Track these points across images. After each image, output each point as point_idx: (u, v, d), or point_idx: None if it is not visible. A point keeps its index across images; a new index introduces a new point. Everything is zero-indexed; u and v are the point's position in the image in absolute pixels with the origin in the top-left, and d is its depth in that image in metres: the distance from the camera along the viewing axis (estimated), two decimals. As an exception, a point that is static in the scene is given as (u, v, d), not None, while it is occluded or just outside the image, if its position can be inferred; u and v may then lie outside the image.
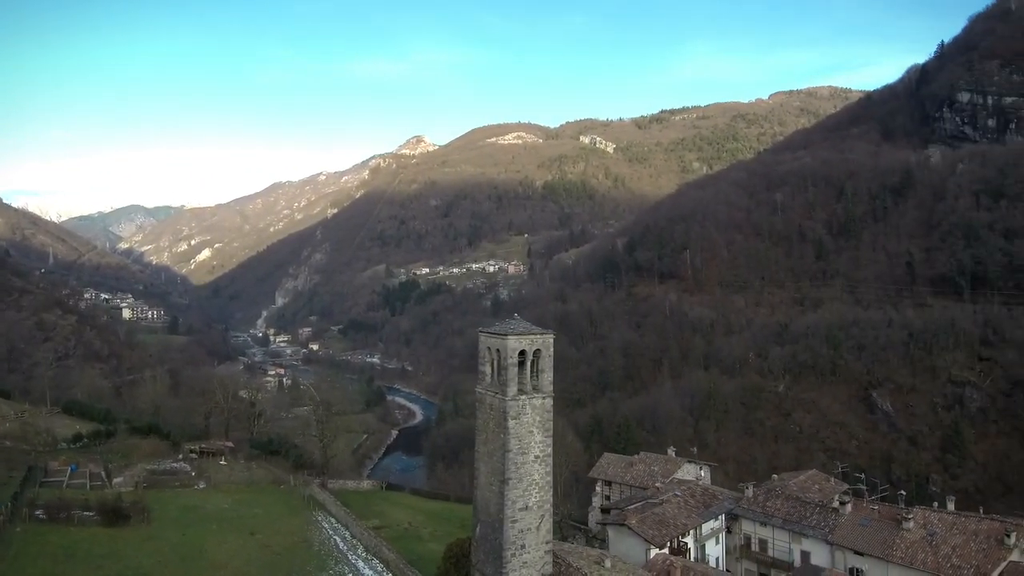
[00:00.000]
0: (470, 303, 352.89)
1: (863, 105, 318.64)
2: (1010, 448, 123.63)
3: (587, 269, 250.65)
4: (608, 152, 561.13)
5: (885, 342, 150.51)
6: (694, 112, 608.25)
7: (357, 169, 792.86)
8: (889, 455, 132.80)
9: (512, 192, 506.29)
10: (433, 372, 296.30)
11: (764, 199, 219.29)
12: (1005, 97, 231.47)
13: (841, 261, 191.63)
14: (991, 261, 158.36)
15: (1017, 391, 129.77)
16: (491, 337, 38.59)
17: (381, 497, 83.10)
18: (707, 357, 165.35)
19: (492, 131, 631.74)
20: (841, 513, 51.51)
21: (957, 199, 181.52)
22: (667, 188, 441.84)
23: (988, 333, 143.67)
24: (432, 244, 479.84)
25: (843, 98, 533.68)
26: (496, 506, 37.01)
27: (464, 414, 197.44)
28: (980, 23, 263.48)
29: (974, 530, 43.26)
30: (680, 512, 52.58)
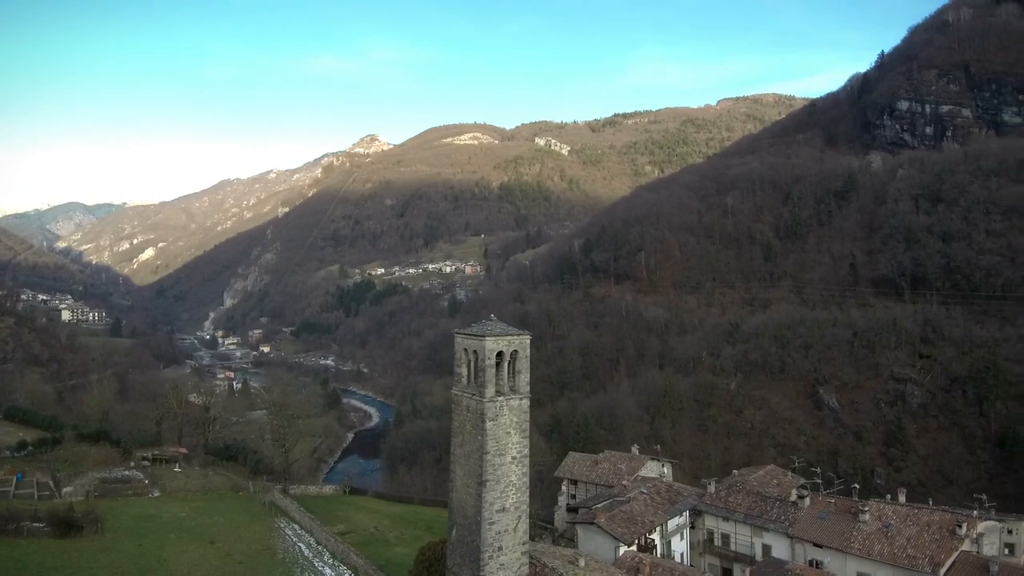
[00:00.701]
0: (427, 304, 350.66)
1: (808, 112, 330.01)
2: (950, 442, 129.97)
3: (544, 270, 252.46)
4: (563, 154, 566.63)
5: (831, 341, 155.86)
6: (646, 116, 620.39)
7: (309, 167, 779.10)
8: (836, 450, 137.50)
9: (468, 193, 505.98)
10: (390, 374, 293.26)
11: (715, 202, 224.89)
12: (942, 105, 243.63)
13: (788, 263, 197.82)
14: (930, 263, 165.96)
15: (955, 387, 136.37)
16: (468, 338, 38.54)
17: (345, 502, 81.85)
18: (662, 356, 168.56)
19: (447, 131, 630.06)
20: (800, 507, 53.34)
21: (897, 203, 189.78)
22: (620, 190, 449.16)
23: (928, 332, 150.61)
24: (388, 244, 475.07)
25: (787, 105, 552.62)
26: (473, 508, 37.00)
27: (423, 416, 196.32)
28: (919, 34, 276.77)
29: (926, 521, 45.46)
30: (647, 509, 53.59)
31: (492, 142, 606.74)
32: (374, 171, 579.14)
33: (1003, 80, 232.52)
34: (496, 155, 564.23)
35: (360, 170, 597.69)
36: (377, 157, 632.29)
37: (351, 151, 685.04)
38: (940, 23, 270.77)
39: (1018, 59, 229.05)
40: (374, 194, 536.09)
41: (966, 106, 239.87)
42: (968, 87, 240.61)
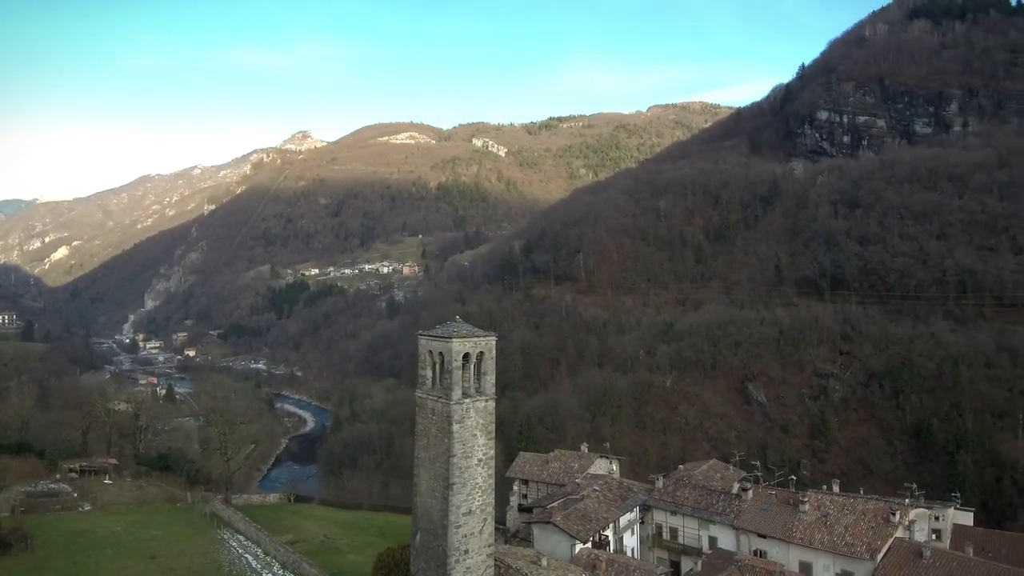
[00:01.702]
0: (364, 305, 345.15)
1: (734, 120, 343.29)
2: (869, 434, 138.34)
3: (485, 271, 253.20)
4: (500, 156, 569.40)
5: (758, 339, 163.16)
6: (580, 121, 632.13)
7: (237, 163, 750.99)
8: (764, 443, 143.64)
9: (406, 192, 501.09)
10: (325, 377, 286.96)
11: (649, 206, 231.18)
12: (859, 116, 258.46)
13: (718, 264, 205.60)
14: (848, 265, 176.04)
15: (873, 382, 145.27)
16: (433, 340, 38.59)
17: (290, 510, 79.72)
18: (601, 355, 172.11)
19: (383, 130, 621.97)
20: (744, 499, 55.72)
21: (818, 208, 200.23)
22: (557, 192, 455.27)
23: (847, 330, 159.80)
24: (322, 244, 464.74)
25: (713, 113, 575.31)
26: (439, 512, 37.07)
27: (363, 419, 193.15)
28: (838, 48, 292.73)
29: (862, 510, 48.49)
30: (600, 506, 54.89)
31: (429, 142, 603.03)
32: (307, 169, 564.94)
33: (915, 93, 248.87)
34: (433, 155, 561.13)
35: (292, 167, 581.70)
36: (310, 154, 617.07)
37: (282, 148, 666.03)
38: (857, 37, 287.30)
39: (928, 73, 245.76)
40: (307, 192, 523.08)
41: (881, 117, 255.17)
42: (883, 99, 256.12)
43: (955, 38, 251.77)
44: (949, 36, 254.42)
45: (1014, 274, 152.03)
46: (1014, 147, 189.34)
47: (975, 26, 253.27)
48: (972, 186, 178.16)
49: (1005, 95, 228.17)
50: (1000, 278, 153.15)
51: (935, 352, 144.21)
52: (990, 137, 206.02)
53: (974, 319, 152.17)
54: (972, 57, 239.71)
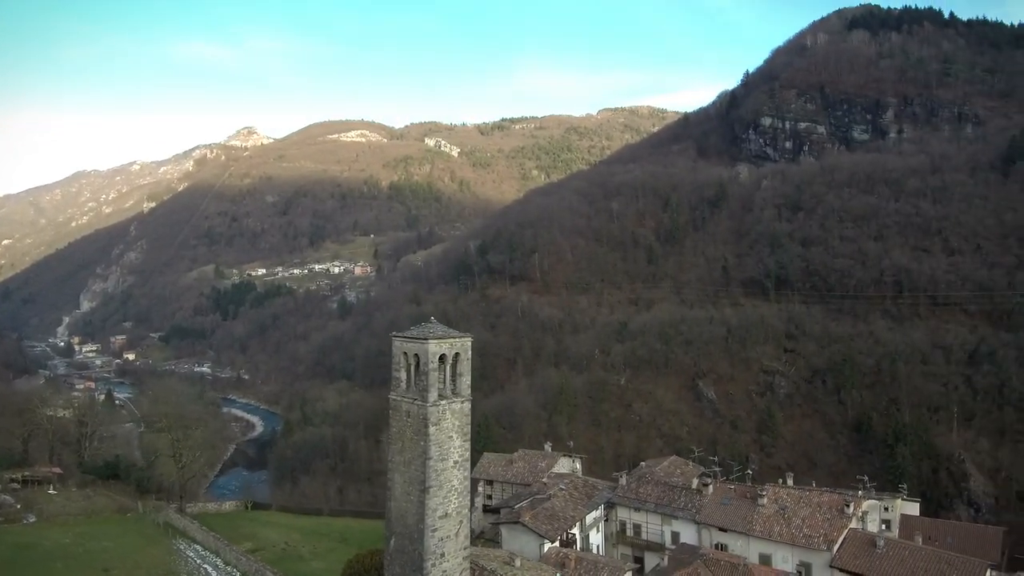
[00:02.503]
0: (314, 306, 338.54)
1: (682, 125, 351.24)
2: (813, 428, 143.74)
3: (440, 271, 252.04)
4: (453, 156, 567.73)
5: (708, 337, 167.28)
6: (532, 122, 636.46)
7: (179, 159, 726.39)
8: (715, 438, 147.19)
9: (357, 191, 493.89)
10: (274, 380, 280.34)
11: (602, 207, 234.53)
12: (800, 122, 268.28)
13: (669, 265, 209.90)
14: (791, 266, 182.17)
15: (817, 378, 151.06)
16: (408, 342, 38.26)
17: (248, 517, 77.65)
18: (557, 355, 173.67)
19: (333, 127, 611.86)
20: (704, 494, 57.39)
21: (762, 211, 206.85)
22: (510, 193, 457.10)
23: (791, 328, 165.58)
24: (269, 243, 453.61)
25: (660, 117, 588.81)
26: (415, 516, 36.86)
27: (315, 423, 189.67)
28: (781, 56, 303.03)
29: (818, 502, 50.62)
30: (568, 505, 55.64)
31: (381, 140, 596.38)
32: (253, 165, 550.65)
33: (853, 101, 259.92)
34: (385, 154, 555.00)
35: (237, 164, 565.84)
36: (256, 151, 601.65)
37: (226, 144, 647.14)
38: (799, 47, 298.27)
39: (866, 82, 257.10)
40: (253, 190, 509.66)
41: (821, 123, 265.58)
42: (823, 106, 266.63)
43: (891, 48, 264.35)
44: (886, 46, 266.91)
45: (947, 274, 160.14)
46: (946, 153, 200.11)
47: (910, 37, 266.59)
48: (907, 190, 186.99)
49: (938, 103, 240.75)
50: (934, 278, 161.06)
51: (874, 349, 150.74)
52: (923, 143, 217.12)
53: (910, 317, 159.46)
54: (907, 67, 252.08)
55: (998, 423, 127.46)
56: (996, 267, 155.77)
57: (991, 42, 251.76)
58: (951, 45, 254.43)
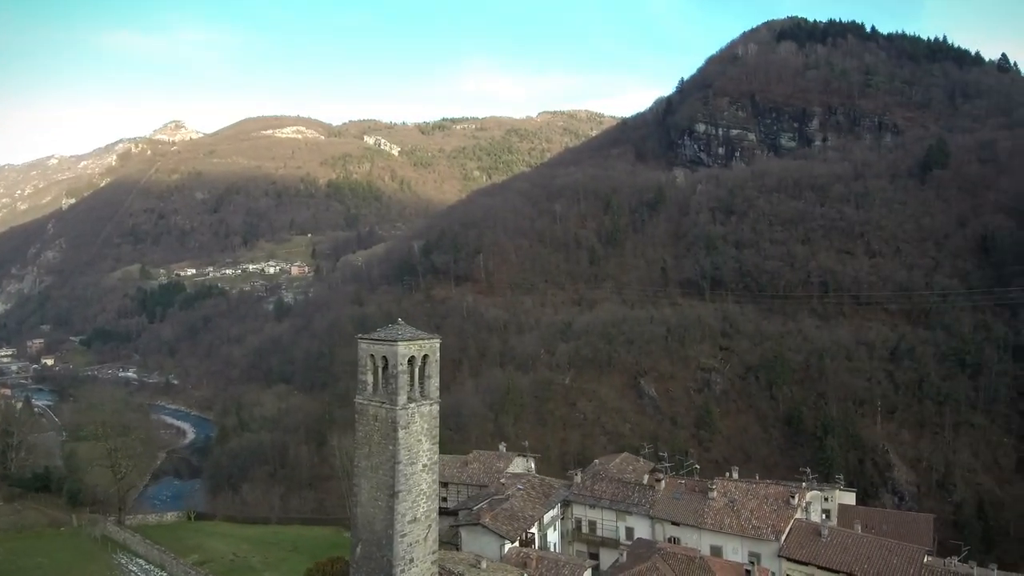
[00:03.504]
0: (249, 307, 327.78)
1: (620, 129, 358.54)
2: (747, 423, 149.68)
3: (383, 271, 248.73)
4: (393, 155, 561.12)
5: (649, 336, 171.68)
6: (473, 123, 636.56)
7: (100, 154, 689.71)
8: (656, 434, 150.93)
9: (293, 189, 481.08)
10: (206, 385, 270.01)
11: (545, 209, 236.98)
12: (732, 129, 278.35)
13: (610, 266, 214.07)
14: (725, 267, 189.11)
15: (750, 375, 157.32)
16: (376, 344, 37.98)
17: (192, 528, 74.77)
18: (502, 355, 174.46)
19: (267, 123, 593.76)
20: (657, 490, 59.22)
21: (698, 214, 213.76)
22: (451, 193, 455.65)
23: (726, 327, 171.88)
24: (199, 242, 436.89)
25: (598, 121, 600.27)
26: (383, 522, 36.65)
27: (252, 429, 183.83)
28: (714, 65, 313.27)
29: (764, 495, 53.08)
30: (526, 505, 56.31)
31: (318, 138, 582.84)
32: (181, 161, 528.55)
33: (781, 109, 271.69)
34: (323, 151, 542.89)
35: (165, 159, 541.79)
36: (184, 146, 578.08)
37: (153, 138, 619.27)
38: (731, 56, 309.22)
39: (793, 92, 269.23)
40: (182, 186, 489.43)
41: (751, 131, 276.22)
42: (753, 114, 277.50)
43: (817, 60, 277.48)
44: (812, 58, 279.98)
45: (868, 275, 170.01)
46: (867, 160, 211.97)
47: (835, 49, 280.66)
48: (832, 196, 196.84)
49: (859, 113, 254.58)
50: (857, 279, 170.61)
51: (803, 347, 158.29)
52: (847, 151, 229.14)
53: (835, 316, 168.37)
54: (832, 78, 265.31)
55: (918, 416, 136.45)
56: (915, 268, 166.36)
57: (909, 55, 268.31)
58: (872, 58, 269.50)
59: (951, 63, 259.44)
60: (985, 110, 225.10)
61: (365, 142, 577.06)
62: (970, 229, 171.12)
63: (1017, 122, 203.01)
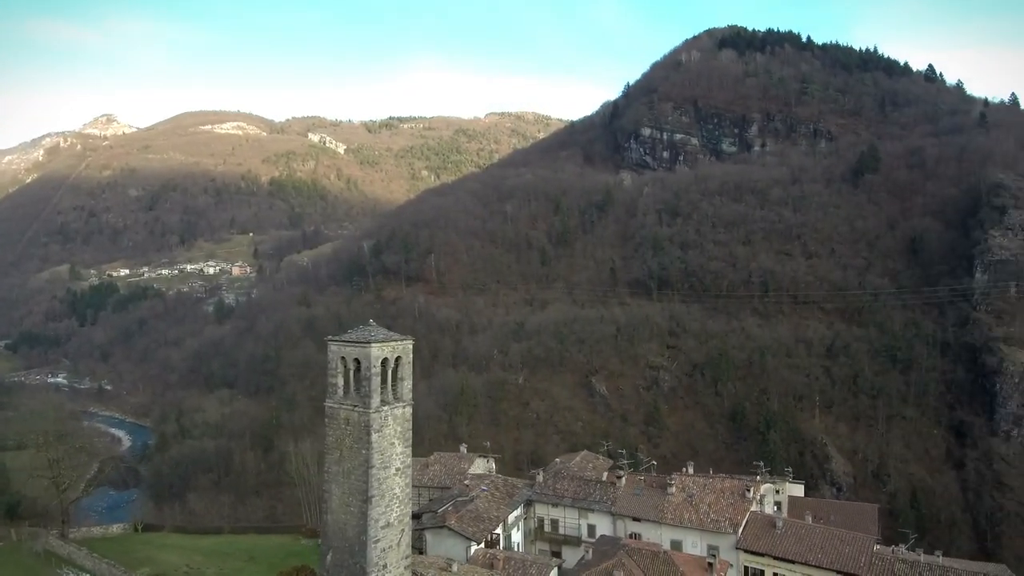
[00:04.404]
0: (187, 309, 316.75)
1: (568, 132, 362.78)
2: (694, 419, 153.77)
3: (330, 271, 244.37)
4: (339, 153, 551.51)
5: (599, 336, 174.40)
6: (420, 122, 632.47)
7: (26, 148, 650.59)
8: (607, 432, 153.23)
9: (233, 186, 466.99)
10: (142, 391, 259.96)
11: (496, 209, 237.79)
12: (676, 134, 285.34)
13: (561, 266, 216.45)
14: (672, 268, 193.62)
15: (696, 372, 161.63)
16: (347, 346, 37.62)
17: (140, 541, 71.71)
18: (455, 356, 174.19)
19: (205, 117, 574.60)
20: (618, 487, 60.55)
21: (645, 216, 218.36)
22: (399, 193, 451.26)
23: (673, 326, 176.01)
24: (133, 241, 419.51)
25: (545, 124, 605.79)
26: (355, 528, 36.38)
27: (194, 435, 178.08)
28: (659, 71, 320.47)
29: (721, 488, 54.97)
30: (491, 506, 56.66)
31: (260, 134, 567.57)
32: (114, 156, 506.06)
33: (723, 115, 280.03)
34: (265, 148, 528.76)
35: (96, 155, 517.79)
36: (117, 140, 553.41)
37: (83, 132, 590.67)
38: (675, 62, 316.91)
39: (734, 98, 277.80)
40: (114, 183, 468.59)
41: (694, 135, 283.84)
42: (696, 119, 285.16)
43: (756, 68, 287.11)
44: (751, 66, 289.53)
45: (806, 275, 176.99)
46: (804, 165, 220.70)
47: (773, 58, 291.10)
48: (771, 199, 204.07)
49: (796, 120, 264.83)
50: (795, 279, 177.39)
51: (746, 344, 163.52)
52: (784, 156, 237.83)
53: (775, 315, 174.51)
54: (770, 85, 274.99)
55: (854, 409, 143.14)
56: (848, 269, 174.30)
57: (842, 65, 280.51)
58: (808, 67, 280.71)
59: (881, 73, 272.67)
60: (913, 118, 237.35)
61: (309, 139, 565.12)
62: (900, 231, 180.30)
63: (943, 130, 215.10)
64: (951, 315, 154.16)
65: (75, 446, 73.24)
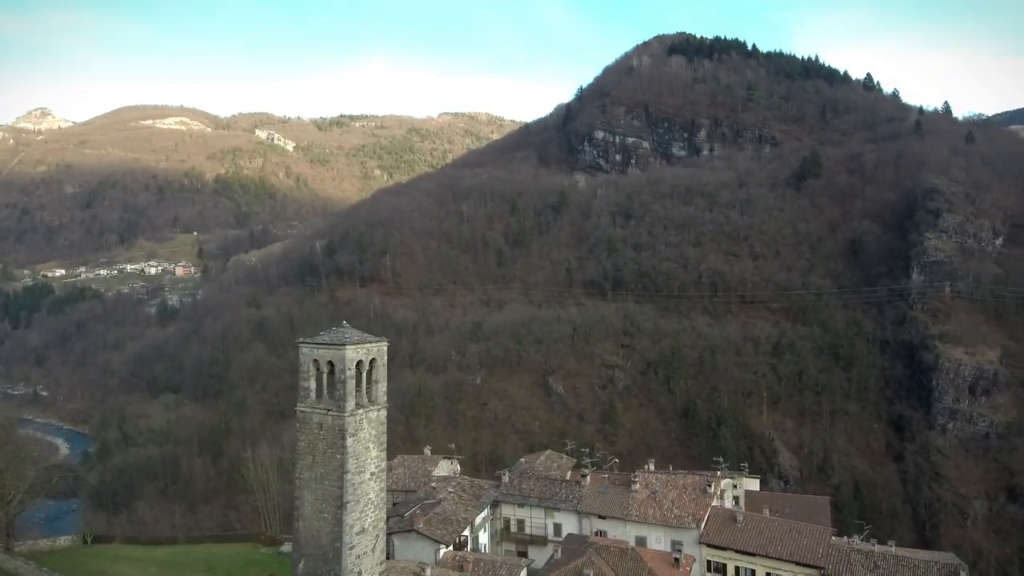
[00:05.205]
0: (128, 311, 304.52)
1: (523, 133, 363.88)
2: (648, 417, 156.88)
3: (281, 272, 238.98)
4: (288, 150, 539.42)
5: (556, 336, 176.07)
6: (372, 120, 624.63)
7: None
8: (564, 431, 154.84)
9: (176, 184, 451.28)
10: (81, 396, 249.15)
11: (452, 209, 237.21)
12: (628, 137, 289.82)
13: (517, 267, 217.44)
14: (626, 268, 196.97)
15: (650, 370, 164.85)
16: (320, 348, 37.09)
17: (91, 553, 68.72)
18: (412, 357, 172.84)
19: (147, 112, 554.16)
20: (583, 485, 61.50)
21: (599, 218, 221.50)
22: (351, 192, 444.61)
23: (627, 325, 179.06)
24: (69, 240, 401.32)
25: (499, 125, 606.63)
26: (329, 535, 35.99)
27: (138, 442, 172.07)
28: (611, 75, 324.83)
29: (683, 484, 56.48)
30: (458, 508, 56.72)
31: (204, 129, 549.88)
32: (48, 151, 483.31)
33: (673, 120, 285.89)
34: (210, 144, 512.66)
35: (29, 149, 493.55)
36: (52, 135, 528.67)
37: (14, 126, 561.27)
38: (627, 67, 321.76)
39: (683, 104, 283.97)
40: (49, 179, 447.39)
41: (646, 139, 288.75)
42: (647, 123, 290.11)
43: (704, 74, 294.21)
44: (700, 72, 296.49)
45: (753, 276, 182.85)
46: (750, 170, 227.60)
47: (720, 65, 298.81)
48: (719, 202, 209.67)
49: (742, 125, 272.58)
50: (743, 279, 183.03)
51: (697, 343, 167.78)
52: (731, 161, 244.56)
53: (724, 314, 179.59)
54: (717, 92, 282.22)
55: (799, 405, 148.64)
56: (793, 270, 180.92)
57: (786, 73, 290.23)
58: (754, 74, 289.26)
59: (823, 81, 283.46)
60: (852, 125, 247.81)
61: (257, 136, 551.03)
62: (840, 234, 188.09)
63: (881, 136, 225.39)
64: (889, 314, 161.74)
65: (19, 455, 69.78)
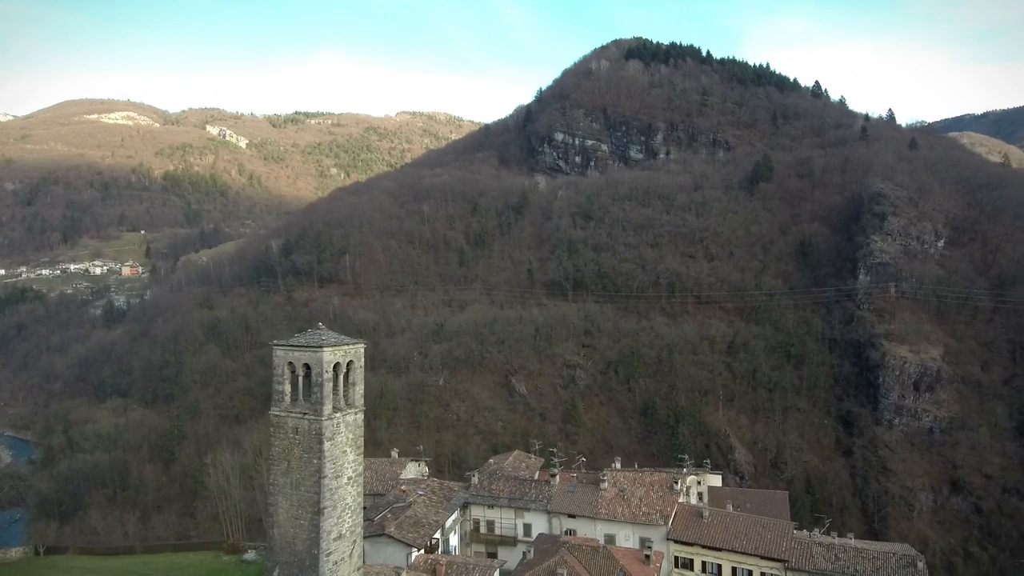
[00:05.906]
0: (72, 312, 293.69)
1: (483, 134, 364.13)
2: (609, 415, 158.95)
3: (235, 272, 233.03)
4: (240, 147, 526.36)
5: (518, 336, 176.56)
6: (328, 118, 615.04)
7: None
8: (527, 430, 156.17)
9: (123, 180, 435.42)
10: (22, 401, 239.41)
11: (413, 209, 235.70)
12: (587, 139, 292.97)
13: (479, 267, 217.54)
14: (586, 269, 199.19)
15: (610, 370, 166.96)
16: (296, 351, 36.60)
17: (44, 565, 66.01)
18: (374, 358, 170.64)
19: (91, 106, 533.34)
20: (552, 485, 62.22)
21: (560, 219, 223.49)
22: (306, 190, 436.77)
23: (588, 325, 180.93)
24: (10, 239, 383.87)
25: (457, 125, 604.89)
26: (305, 541, 35.65)
27: (85, 448, 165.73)
28: (571, 77, 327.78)
29: (650, 482, 57.74)
30: (429, 511, 56.72)
31: (152, 125, 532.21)
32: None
33: (630, 123, 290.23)
34: (158, 140, 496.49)
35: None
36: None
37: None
38: (586, 70, 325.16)
39: (640, 107, 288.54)
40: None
41: (604, 142, 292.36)
42: (606, 126, 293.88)
43: (661, 79, 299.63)
44: (656, 77, 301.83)
45: (708, 276, 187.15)
46: (704, 173, 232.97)
47: (676, 70, 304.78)
48: (676, 204, 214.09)
49: (697, 130, 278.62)
50: (698, 280, 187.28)
51: (655, 342, 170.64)
52: (687, 164, 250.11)
53: (681, 314, 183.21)
54: (673, 96, 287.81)
55: (753, 402, 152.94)
56: (746, 271, 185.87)
57: (739, 79, 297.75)
58: (708, 80, 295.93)
59: (773, 88, 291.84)
60: (802, 130, 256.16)
61: (208, 132, 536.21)
62: (791, 236, 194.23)
63: (829, 142, 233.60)
64: (838, 314, 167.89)
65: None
